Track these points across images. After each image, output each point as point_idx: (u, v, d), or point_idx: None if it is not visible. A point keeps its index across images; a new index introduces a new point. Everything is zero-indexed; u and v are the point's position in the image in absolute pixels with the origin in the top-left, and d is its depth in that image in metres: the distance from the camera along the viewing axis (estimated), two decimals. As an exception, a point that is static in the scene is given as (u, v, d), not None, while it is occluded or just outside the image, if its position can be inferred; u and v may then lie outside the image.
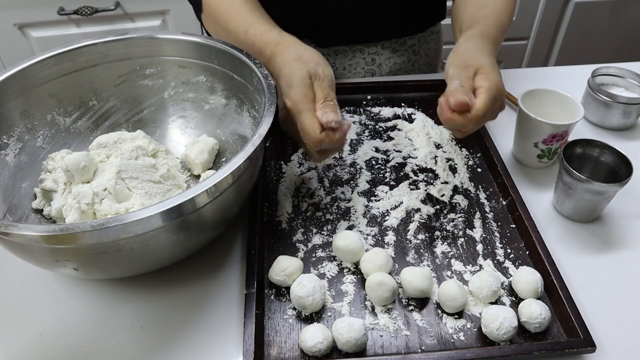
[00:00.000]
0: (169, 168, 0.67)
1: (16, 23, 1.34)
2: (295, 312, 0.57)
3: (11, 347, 0.55)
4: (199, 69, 0.72)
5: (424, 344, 0.54)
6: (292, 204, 0.69)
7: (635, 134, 0.82)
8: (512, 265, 0.61)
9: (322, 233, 0.65)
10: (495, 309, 0.53)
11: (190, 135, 0.75)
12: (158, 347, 0.54)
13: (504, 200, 0.68)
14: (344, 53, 0.93)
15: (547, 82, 0.91)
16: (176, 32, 0.71)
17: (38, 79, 0.66)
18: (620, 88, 0.84)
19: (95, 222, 0.45)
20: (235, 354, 0.54)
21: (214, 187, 0.50)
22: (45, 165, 0.65)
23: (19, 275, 0.61)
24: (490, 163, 0.73)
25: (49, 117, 0.68)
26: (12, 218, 0.60)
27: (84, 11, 1.33)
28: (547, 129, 0.70)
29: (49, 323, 0.57)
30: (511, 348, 0.52)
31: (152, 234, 0.50)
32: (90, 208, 0.59)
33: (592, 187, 0.62)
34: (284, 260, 0.58)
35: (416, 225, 0.66)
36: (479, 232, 0.65)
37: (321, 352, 0.51)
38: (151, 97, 0.74)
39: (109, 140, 0.67)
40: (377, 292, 0.56)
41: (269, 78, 0.61)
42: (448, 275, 0.60)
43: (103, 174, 0.63)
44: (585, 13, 1.60)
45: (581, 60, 1.66)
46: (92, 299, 0.59)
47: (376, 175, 0.72)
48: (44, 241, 0.47)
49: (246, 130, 0.70)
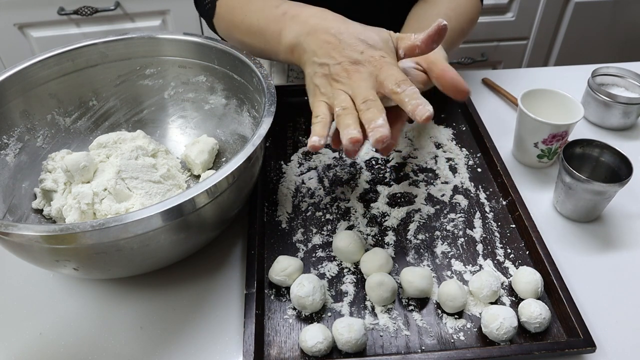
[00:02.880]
0: (169, 168, 0.67)
1: (16, 23, 1.34)
2: (295, 312, 0.57)
3: (11, 347, 0.55)
4: (199, 69, 0.72)
5: (424, 344, 0.54)
6: (292, 204, 0.69)
7: (635, 134, 0.82)
8: (512, 265, 0.61)
9: (322, 233, 0.65)
10: (495, 309, 0.53)
11: (190, 135, 0.75)
12: (158, 347, 0.54)
13: (504, 200, 0.68)
14: None
15: (547, 82, 0.91)
16: (176, 32, 0.71)
17: (38, 79, 0.66)
18: (620, 88, 0.84)
19: (95, 222, 0.45)
20: (235, 354, 0.54)
21: (213, 187, 0.50)
22: (45, 165, 0.65)
23: (19, 275, 0.61)
24: (490, 163, 0.73)
25: (49, 117, 0.68)
26: (12, 218, 0.60)
27: (84, 11, 1.33)
28: (547, 129, 0.70)
29: (49, 323, 0.57)
30: (511, 348, 0.52)
31: (152, 234, 0.50)
32: (90, 208, 0.59)
33: (592, 187, 0.62)
34: (284, 260, 0.58)
35: (416, 225, 0.66)
36: (479, 232, 0.65)
37: (321, 352, 0.51)
38: (151, 97, 0.74)
39: (109, 140, 0.67)
40: (377, 292, 0.56)
41: (269, 78, 0.61)
42: (448, 275, 0.60)
43: (103, 174, 0.63)
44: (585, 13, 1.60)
45: (581, 60, 1.66)
46: (92, 299, 0.59)
47: (376, 175, 0.72)
48: (44, 241, 0.47)
49: (246, 130, 0.70)
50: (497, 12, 1.57)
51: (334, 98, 0.54)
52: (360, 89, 0.53)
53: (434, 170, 0.73)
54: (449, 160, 0.75)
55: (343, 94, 0.53)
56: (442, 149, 0.77)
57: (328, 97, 0.55)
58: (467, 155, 0.76)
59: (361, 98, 0.52)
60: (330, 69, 0.55)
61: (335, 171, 0.73)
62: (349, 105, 0.52)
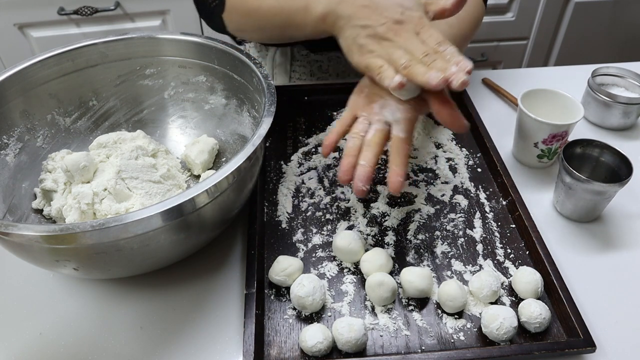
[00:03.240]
0: (169, 168, 0.67)
1: (16, 23, 1.34)
2: (295, 312, 0.57)
3: (11, 347, 0.55)
4: (199, 69, 0.72)
5: (424, 344, 0.54)
6: (292, 204, 0.69)
7: (635, 134, 0.82)
8: (512, 265, 0.61)
9: (322, 233, 0.65)
10: (495, 309, 0.53)
11: (190, 135, 0.75)
12: (158, 347, 0.54)
13: (504, 200, 0.68)
14: (337, 60, 0.92)
15: (547, 82, 0.91)
16: (176, 32, 0.71)
17: (38, 79, 0.66)
18: (620, 88, 0.85)
19: (95, 222, 0.45)
20: (235, 354, 0.54)
21: (214, 187, 0.50)
22: (45, 165, 0.66)
23: (19, 275, 0.61)
24: (490, 163, 0.73)
25: (49, 117, 0.68)
26: (12, 218, 0.60)
27: (84, 11, 1.33)
28: (547, 129, 0.70)
29: (49, 323, 0.57)
30: (511, 348, 0.52)
31: (152, 234, 0.50)
32: (90, 208, 0.59)
33: (592, 187, 0.62)
34: (284, 260, 0.58)
35: (416, 225, 0.66)
36: (479, 232, 0.65)
37: (321, 352, 0.51)
38: (151, 97, 0.74)
39: (109, 140, 0.67)
40: (377, 292, 0.56)
41: (269, 78, 0.61)
42: (448, 275, 0.60)
43: (103, 174, 0.63)
44: (585, 13, 1.60)
45: (581, 60, 1.66)
46: (92, 299, 0.59)
47: (376, 175, 0.72)
48: (44, 241, 0.47)
49: (246, 130, 0.70)
50: (497, 12, 1.58)
51: (389, 54, 0.55)
52: (414, 45, 0.54)
53: (434, 170, 0.73)
54: (449, 160, 0.75)
55: (398, 50, 0.55)
56: (442, 149, 0.77)
57: (379, 54, 0.56)
58: (467, 155, 0.76)
59: (420, 52, 0.54)
60: (376, 30, 0.56)
61: (335, 171, 0.73)
62: (413, 58, 0.54)
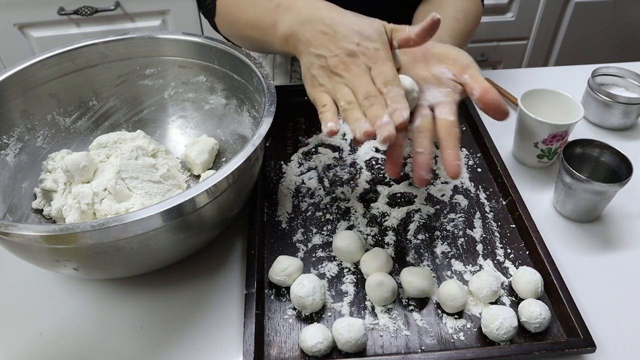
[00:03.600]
0: (169, 168, 0.67)
1: (16, 23, 1.34)
2: (295, 312, 0.57)
3: (11, 347, 0.55)
4: (199, 69, 0.72)
5: (424, 344, 0.54)
6: (292, 204, 0.69)
7: (635, 134, 0.82)
8: (512, 265, 0.61)
9: (322, 233, 0.65)
10: (495, 309, 0.53)
11: (190, 135, 0.75)
12: (158, 347, 0.54)
13: (504, 200, 0.68)
14: None
15: (547, 82, 0.91)
16: (176, 32, 0.71)
17: (38, 79, 0.66)
18: (620, 88, 0.85)
19: (95, 222, 0.45)
20: (235, 354, 0.54)
21: (214, 187, 0.50)
22: (45, 165, 0.65)
23: (19, 275, 0.61)
24: (490, 163, 0.73)
25: (49, 117, 0.68)
26: (12, 218, 0.60)
27: (84, 11, 1.33)
28: (547, 129, 0.70)
29: (49, 323, 0.57)
30: (511, 348, 0.52)
31: (152, 234, 0.50)
32: (90, 208, 0.59)
33: (592, 187, 0.62)
34: (284, 260, 0.58)
35: (416, 225, 0.66)
36: (479, 232, 0.65)
37: (321, 352, 0.51)
38: (151, 97, 0.74)
39: (109, 140, 0.67)
40: (377, 292, 0.56)
41: (269, 78, 0.61)
42: (448, 275, 0.60)
43: (103, 174, 0.63)
44: (585, 13, 1.60)
45: (581, 60, 1.66)
46: (92, 299, 0.59)
47: (376, 175, 0.72)
48: (44, 241, 0.47)
49: (246, 130, 0.70)
50: (497, 12, 1.58)
51: (335, 91, 0.54)
52: (360, 83, 0.53)
53: (434, 170, 0.73)
54: (449, 160, 0.75)
55: (345, 88, 0.54)
56: (442, 149, 0.77)
57: (327, 89, 0.55)
58: (467, 155, 0.76)
59: (363, 93, 0.52)
60: (328, 61, 0.55)
61: (335, 171, 0.73)
62: (353, 100, 0.53)
